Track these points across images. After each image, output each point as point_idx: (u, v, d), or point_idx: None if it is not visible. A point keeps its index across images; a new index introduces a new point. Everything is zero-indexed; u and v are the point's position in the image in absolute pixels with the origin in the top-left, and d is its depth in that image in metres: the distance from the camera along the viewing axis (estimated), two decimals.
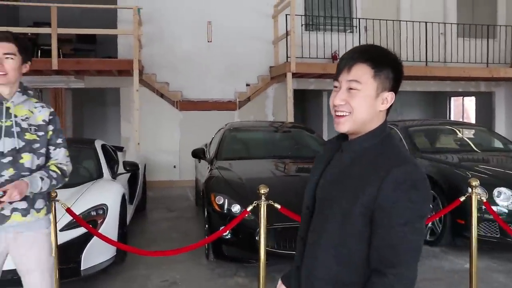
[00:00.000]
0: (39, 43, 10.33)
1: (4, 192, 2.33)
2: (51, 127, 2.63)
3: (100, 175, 5.58)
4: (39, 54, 10.06)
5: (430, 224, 5.70)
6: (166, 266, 4.95)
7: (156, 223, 7.16)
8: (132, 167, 6.06)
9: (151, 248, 5.38)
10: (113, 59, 9.90)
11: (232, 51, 10.82)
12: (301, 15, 10.94)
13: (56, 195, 3.68)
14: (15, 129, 2.50)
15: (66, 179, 2.68)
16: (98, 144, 6.20)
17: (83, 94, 11.97)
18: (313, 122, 14.02)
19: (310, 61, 10.18)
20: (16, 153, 2.48)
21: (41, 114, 2.62)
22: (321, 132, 12.81)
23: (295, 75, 9.94)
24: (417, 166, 1.46)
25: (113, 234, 4.70)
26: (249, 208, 3.64)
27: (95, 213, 4.65)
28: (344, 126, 1.53)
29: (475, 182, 3.98)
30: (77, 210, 4.53)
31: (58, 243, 4.19)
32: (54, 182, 2.56)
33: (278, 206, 3.64)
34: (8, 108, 2.51)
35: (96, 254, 4.50)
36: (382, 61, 1.51)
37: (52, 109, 2.71)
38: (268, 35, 10.96)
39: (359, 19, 11.14)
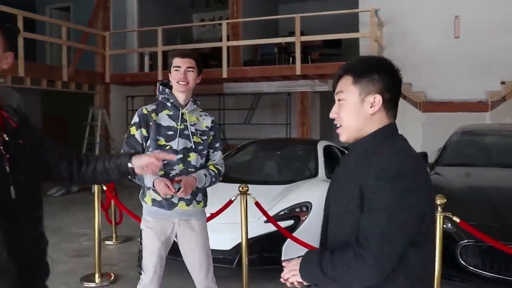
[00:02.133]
0: (290, 50, 11.24)
1: (179, 182, 2.82)
2: (211, 133, 3.10)
3: (315, 174, 5.85)
4: (290, 61, 10.99)
5: None
6: None
7: None
8: None
9: None
10: None
11: (483, 46, 9.85)
12: None
13: (248, 190, 4.06)
14: (186, 132, 2.98)
15: (220, 178, 3.11)
16: (320, 145, 6.48)
17: (332, 96, 12.51)
18: None
19: None
20: (186, 152, 2.95)
21: (205, 121, 3.10)
22: None
23: None
24: (408, 156, 1.47)
25: (315, 231, 4.88)
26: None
27: (299, 209, 4.91)
28: (342, 137, 1.63)
29: None
30: (283, 205, 4.90)
31: (262, 233, 4.65)
32: (213, 179, 3.01)
33: (457, 220, 3.28)
34: (183, 114, 3.01)
35: (299, 247, 4.74)
36: (361, 68, 1.58)
37: (213, 118, 3.19)
38: None
39: None
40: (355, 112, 1.57)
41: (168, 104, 2.99)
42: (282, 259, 4.67)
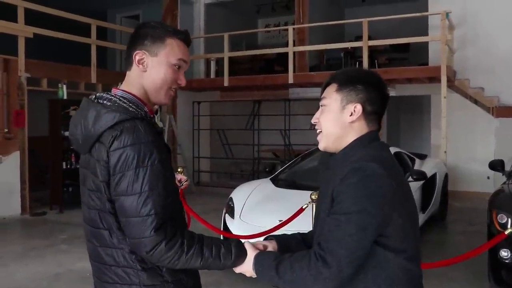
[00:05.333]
0: (356, 55, 11.10)
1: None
2: None
3: None
4: (357, 66, 10.84)
5: None
6: (437, 281, 4.75)
7: (449, 235, 6.89)
8: (418, 176, 5.98)
9: (425, 260, 5.23)
10: (418, 67, 9.86)
11: None
12: None
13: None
14: None
15: None
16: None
17: (400, 102, 12.21)
18: None
19: None
20: None
21: None
22: None
23: None
24: (374, 163, 1.45)
25: None
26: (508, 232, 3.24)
27: None
28: (320, 144, 1.64)
29: None
30: None
31: None
32: None
33: None
34: None
35: None
36: (347, 78, 1.61)
37: None
38: None
39: None
40: (334, 119, 1.59)
41: None
42: None
